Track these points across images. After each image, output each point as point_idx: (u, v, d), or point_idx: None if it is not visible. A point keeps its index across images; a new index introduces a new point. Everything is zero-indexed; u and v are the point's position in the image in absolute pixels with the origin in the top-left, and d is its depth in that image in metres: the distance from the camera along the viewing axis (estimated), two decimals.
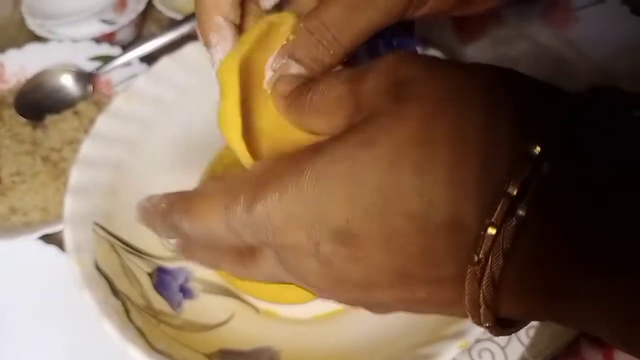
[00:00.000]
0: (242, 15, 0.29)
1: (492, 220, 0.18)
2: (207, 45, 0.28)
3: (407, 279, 0.20)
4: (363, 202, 0.19)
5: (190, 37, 0.46)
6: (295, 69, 0.25)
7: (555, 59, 0.53)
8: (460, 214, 0.19)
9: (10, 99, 0.50)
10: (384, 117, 0.20)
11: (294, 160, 0.21)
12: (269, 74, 0.26)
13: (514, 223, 0.17)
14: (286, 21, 0.27)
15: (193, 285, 0.39)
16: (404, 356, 0.32)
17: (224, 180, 0.23)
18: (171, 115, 0.43)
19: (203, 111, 0.44)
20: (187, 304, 0.38)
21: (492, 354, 0.37)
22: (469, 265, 0.18)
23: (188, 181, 0.31)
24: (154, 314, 0.36)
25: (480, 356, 0.37)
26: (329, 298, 0.23)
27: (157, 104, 0.42)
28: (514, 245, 0.18)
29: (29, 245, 0.43)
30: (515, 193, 0.17)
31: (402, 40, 0.45)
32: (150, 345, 0.32)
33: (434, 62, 0.22)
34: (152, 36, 0.51)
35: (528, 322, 0.22)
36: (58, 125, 0.48)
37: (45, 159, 0.46)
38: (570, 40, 0.53)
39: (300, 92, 0.24)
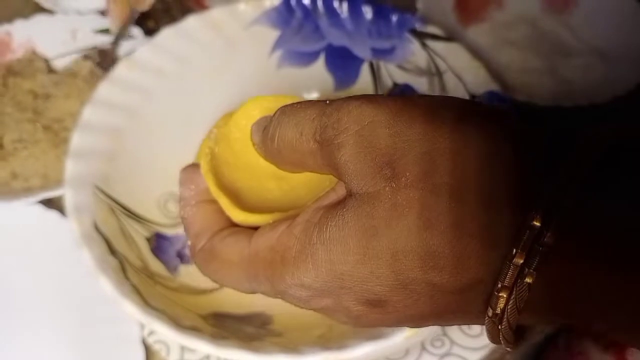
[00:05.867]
0: None
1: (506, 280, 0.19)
2: None
3: (439, 318, 0.22)
4: (384, 275, 0.20)
5: (191, 10, 0.47)
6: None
7: (554, 43, 0.53)
8: (472, 278, 0.19)
9: (18, 68, 0.51)
10: (382, 201, 0.20)
11: (308, 235, 0.22)
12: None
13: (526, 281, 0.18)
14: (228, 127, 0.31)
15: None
16: None
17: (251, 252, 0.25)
18: (171, 85, 0.43)
19: (203, 82, 0.44)
20: (183, 269, 0.38)
21: None
22: (486, 316, 0.20)
23: (186, 151, 0.32)
24: (151, 275, 0.37)
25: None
26: None
27: (158, 73, 0.43)
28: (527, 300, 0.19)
29: (29, 209, 0.43)
30: (521, 262, 0.18)
31: (402, 17, 0.45)
32: (145, 302, 0.33)
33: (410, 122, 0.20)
34: None
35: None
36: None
37: (46, 128, 0.47)
38: (569, 25, 0.54)
39: None
